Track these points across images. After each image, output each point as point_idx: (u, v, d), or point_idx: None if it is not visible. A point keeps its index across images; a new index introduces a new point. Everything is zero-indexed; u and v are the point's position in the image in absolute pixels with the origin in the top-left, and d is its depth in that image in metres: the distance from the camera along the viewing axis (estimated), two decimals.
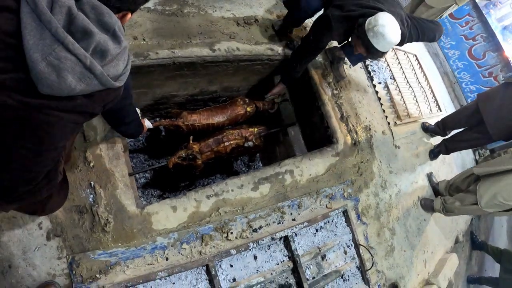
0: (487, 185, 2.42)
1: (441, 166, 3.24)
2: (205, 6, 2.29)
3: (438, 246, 2.82)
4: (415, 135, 3.13)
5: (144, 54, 1.82)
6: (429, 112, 3.44)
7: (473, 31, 4.38)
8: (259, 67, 2.52)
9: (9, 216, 1.30)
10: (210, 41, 2.15)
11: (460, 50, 4.55)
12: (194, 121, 2.23)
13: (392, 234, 2.44)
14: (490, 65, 4.30)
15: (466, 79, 4.54)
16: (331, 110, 2.51)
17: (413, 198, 2.77)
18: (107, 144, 1.54)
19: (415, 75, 3.59)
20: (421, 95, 3.48)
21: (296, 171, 2.13)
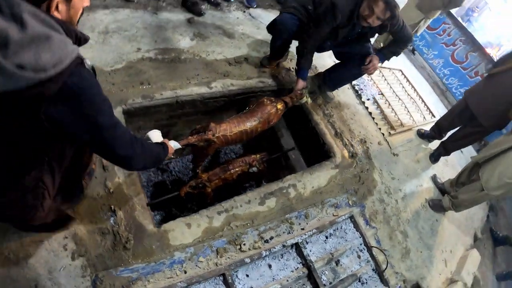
0: (489, 169, 2.54)
1: (444, 168, 3.38)
2: (199, 52, 2.69)
3: (456, 244, 2.86)
4: (412, 142, 3.32)
5: (150, 96, 2.16)
6: (423, 120, 3.66)
7: (452, 37, 4.76)
8: (254, 99, 2.83)
9: (36, 240, 1.49)
10: (207, 80, 2.50)
11: (444, 57, 4.91)
12: (225, 131, 2.06)
13: (404, 236, 2.54)
14: (474, 65, 4.62)
15: (454, 83, 4.82)
16: (325, 128, 2.78)
17: (421, 200, 2.89)
18: (124, 172, 1.80)
19: (403, 88, 3.87)
20: (412, 105, 3.73)
21: (299, 185, 2.33)
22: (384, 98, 3.45)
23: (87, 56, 2.09)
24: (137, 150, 1.18)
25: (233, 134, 2.11)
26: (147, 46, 2.50)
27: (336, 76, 2.88)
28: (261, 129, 2.28)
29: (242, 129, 2.15)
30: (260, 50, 3.06)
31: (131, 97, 2.12)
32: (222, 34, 2.99)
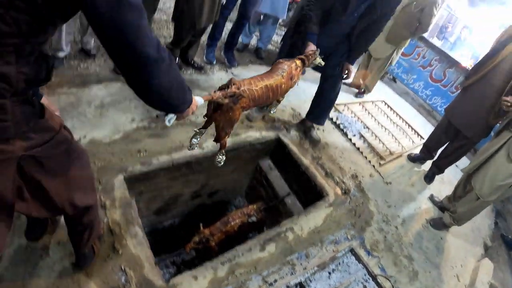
0: (480, 176, 2.74)
1: (441, 186, 3.60)
2: (189, 116, 3.01)
3: (466, 257, 2.98)
4: (404, 168, 3.56)
5: (148, 162, 2.44)
6: (412, 144, 3.92)
7: (427, 58, 5.21)
8: (245, 154, 3.12)
9: None
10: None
11: (423, 79, 5.34)
12: (250, 85, 1.87)
13: (409, 260, 2.67)
14: (453, 80, 5.03)
15: (438, 102, 5.18)
16: (315, 171, 3.03)
17: (421, 222, 3.07)
18: (130, 234, 2.01)
19: (388, 118, 4.18)
20: (399, 132, 4.01)
21: (296, 227, 2.53)
22: (370, 131, 3.75)
23: (85, 131, 2.42)
24: (164, 55, 0.97)
25: (258, 89, 1.91)
26: (140, 116, 2.84)
27: (319, 111, 3.21)
28: (285, 85, 2.13)
29: (267, 83, 1.97)
30: None
31: (130, 165, 2.40)
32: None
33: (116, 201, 2.13)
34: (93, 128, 2.56)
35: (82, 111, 2.67)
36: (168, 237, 3.21)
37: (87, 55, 3.30)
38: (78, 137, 2.42)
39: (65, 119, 2.53)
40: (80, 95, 2.82)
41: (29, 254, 1.77)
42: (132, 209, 2.17)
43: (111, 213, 2.06)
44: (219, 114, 1.86)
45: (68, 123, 2.50)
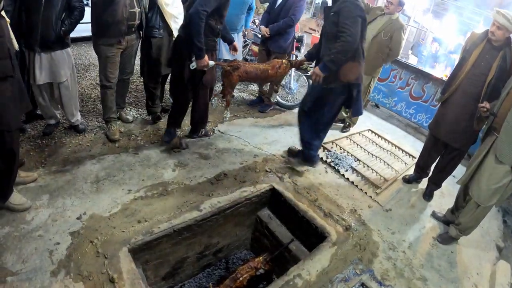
0: (475, 184, 2.91)
1: (442, 200, 3.79)
2: (182, 180, 3.24)
3: (481, 264, 3.07)
4: (401, 191, 3.76)
5: (149, 231, 2.61)
6: (405, 166, 4.15)
7: (403, 79, 5.65)
8: (243, 208, 3.30)
9: None
10: (195, 204, 2.98)
11: (404, 100, 5.74)
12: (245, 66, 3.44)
13: (423, 281, 2.76)
14: (432, 94, 5.39)
15: (423, 118, 5.50)
16: (313, 213, 3.20)
17: (428, 241, 3.20)
18: None
19: (377, 145, 4.44)
20: (390, 157, 4.26)
21: (304, 273, 2.63)
22: (361, 162, 3.98)
23: (85, 208, 2.61)
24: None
25: (250, 67, 3.48)
26: (136, 187, 3.05)
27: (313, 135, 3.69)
28: (270, 72, 3.55)
29: (257, 66, 3.53)
30: (235, 161, 3.69)
31: (133, 236, 2.56)
32: (198, 157, 3.63)
33: (123, 274, 2.27)
34: (91, 203, 2.75)
35: (79, 187, 2.89)
36: None
37: (76, 131, 3.60)
38: (79, 214, 2.61)
39: (63, 197, 2.75)
40: (75, 172, 3.06)
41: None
42: (141, 279, 2.30)
43: (120, 286, 2.18)
44: (225, 77, 3.52)
45: (67, 201, 2.72)
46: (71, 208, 2.66)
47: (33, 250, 2.27)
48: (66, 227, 2.49)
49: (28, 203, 2.57)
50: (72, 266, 2.22)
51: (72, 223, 2.53)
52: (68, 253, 2.30)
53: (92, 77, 5.12)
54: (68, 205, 2.69)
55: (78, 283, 2.12)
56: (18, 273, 2.10)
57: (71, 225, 2.52)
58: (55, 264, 2.21)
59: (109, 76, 3.47)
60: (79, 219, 2.58)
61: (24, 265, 2.16)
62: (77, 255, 2.30)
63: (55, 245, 2.34)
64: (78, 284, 2.12)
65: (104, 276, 2.20)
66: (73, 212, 2.63)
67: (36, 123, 3.57)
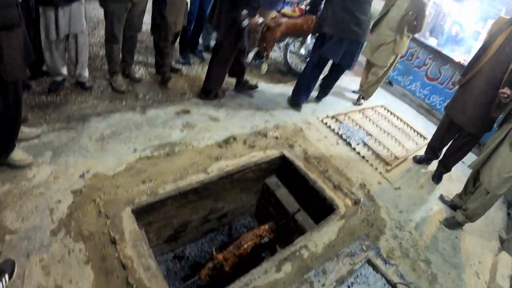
0: (487, 170, 2.76)
1: (450, 184, 3.60)
2: (190, 141, 3.04)
3: (483, 254, 2.95)
4: (411, 171, 3.56)
5: (154, 192, 2.44)
6: (416, 146, 3.93)
7: (420, 58, 5.27)
8: (251, 174, 3.12)
9: None
10: (203, 167, 2.80)
11: (419, 80, 5.39)
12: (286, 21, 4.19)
13: (427, 264, 2.65)
14: (449, 77, 5.04)
15: (437, 100, 5.21)
16: (323, 184, 3.02)
17: (435, 224, 3.05)
18: (143, 267, 1.99)
19: (389, 122, 4.20)
20: (402, 135, 4.03)
21: (310, 244, 2.50)
22: (373, 138, 3.76)
23: (88, 166, 2.44)
24: None
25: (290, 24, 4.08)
26: (142, 146, 2.86)
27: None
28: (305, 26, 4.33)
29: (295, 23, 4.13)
30: (246, 125, 3.46)
31: (136, 196, 2.40)
32: (208, 119, 3.41)
33: (125, 235, 2.12)
34: (95, 162, 2.57)
35: (83, 145, 2.69)
36: (182, 265, 3.18)
37: (83, 88, 3.35)
38: (82, 172, 2.43)
39: (66, 154, 2.55)
40: (79, 129, 2.85)
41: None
42: (143, 241, 2.15)
43: (122, 247, 2.04)
44: (267, 32, 3.92)
45: (70, 158, 2.53)
46: (74, 166, 2.48)
47: (33, 208, 2.11)
48: (68, 185, 2.32)
49: (30, 159, 2.38)
50: (73, 226, 2.06)
51: (75, 181, 2.36)
52: (69, 212, 2.14)
53: (101, 35, 4.76)
54: (71, 162, 2.51)
55: (78, 243, 1.98)
56: (17, 231, 1.96)
57: (73, 183, 2.34)
58: (55, 223, 2.06)
59: (115, 32, 3.25)
60: (82, 177, 2.40)
61: (24, 223, 2.01)
62: (79, 214, 2.14)
63: (56, 203, 2.18)
64: (78, 244, 1.97)
65: (106, 237, 2.06)
66: (76, 170, 2.45)
67: (41, 80, 3.31)
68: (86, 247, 1.97)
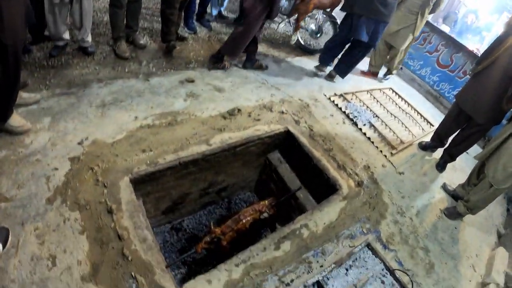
0: (493, 163, 2.65)
1: (453, 174, 3.48)
2: (194, 111, 2.91)
3: (481, 247, 2.88)
4: (416, 156, 3.44)
5: (154, 161, 2.33)
6: (422, 132, 3.79)
7: (433, 43, 5.02)
8: (254, 148, 3.00)
9: None
10: (205, 138, 2.68)
11: (430, 65, 5.15)
12: None
13: (426, 252, 2.58)
14: (460, 65, 4.83)
15: (446, 88, 5.01)
16: (327, 163, 2.91)
17: (436, 212, 2.95)
18: (139, 238, 1.92)
19: (397, 105, 4.05)
20: (409, 120, 3.88)
21: (311, 223, 2.42)
22: (380, 119, 3.62)
23: (87, 133, 2.32)
24: None
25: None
26: (143, 114, 2.72)
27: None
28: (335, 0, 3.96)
29: None
30: (251, 98, 3.30)
31: (135, 165, 2.29)
32: (212, 89, 3.25)
33: (122, 205, 2.03)
34: (95, 128, 2.45)
35: (83, 111, 2.56)
36: (179, 237, 3.13)
37: (85, 54, 3.19)
38: (80, 139, 2.32)
39: (65, 120, 2.43)
40: (80, 95, 2.72)
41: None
42: (140, 212, 2.07)
43: (118, 217, 1.96)
44: (300, 4, 3.76)
45: (69, 125, 2.41)
46: (73, 132, 2.36)
47: (30, 176, 2.00)
48: (65, 152, 2.21)
49: (28, 125, 2.26)
50: (69, 194, 1.97)
51: (73, 148, 2.25)
52: (66, 180, 2.04)
53: (105, 0, 4.54)
54: (70, 129, 2.39)
55: (74, 212, 1.89)
56: (13, 199, 1.86)
57: (71, 150, 2.23)
58: (51, 191, 1.96)
59: None
60: (81, 144, 2.29)
61: (19, 191, 1.91)
62: (75, 182, 2.04)
63: (53, 170, 2.07)
64: (74, 213, 1.89)
65: (102, 206, 1.97)
66: (75, 137, 2.33)
67: (43, 45, 3.13)
68: (82, 216, 1.89)
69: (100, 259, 1.77)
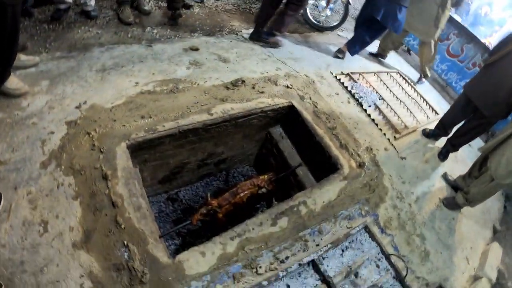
0: (496, 157, 2.56)
1: (454, 164, 3.38)
2: (196, 80, 2.77)
3: (476, 240, 2.83)
4: (419, 143, 3.33)
5: (152, 128, 2.22)
6: (427, 119, 3.67)
7: (445, 32, 4.79)
8: (255, 121, 2.88)
9: (53, 281, 1.51)
10: (207, 107, 2.56)
11: (440, 53, 4.93)
12: None
13: (422, 239, 2.52)
14: (470, 56, 4.64)
15: (454, 78, 4.84)
16: (329, 141, 2.80)
17: (434, 201, 2.88)
18: (134, 207, 1.84)
19: (403, 90, 3.90)
20: (414, 106, 3.75)
21: (309, 201, 2.34)
22: (385, 102, 3.48)
23: (86, 97, 2.20)
24: None
25: None
26: (144, 80, 2.59)
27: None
28: None
29: None
30: (256, 70, 3.14)
31: (133, 131, 2.18)
32: (217, 59, 3.09)
33: (118, 171, 1.94)
34: (94, 93, 2.34)
35: (82, 75, 2.44)
36: (174, 208, 3.06)
37: (88, 18, 3.04)
38: (78, 103, 2.21)
39: (64, 84, 2.31)
40: (80, 59, 2.59)
41: None
42: (136, 179, 1.98)
43: (113, 184, 1.87)
44: None
45: (68, 88, 2.30)
46: (71, 96, 2.25)
47: (25, 139, 1.91)
48: (63, 115, 2.10)
49: (25, 88, 2.15)
50: (64, 158, 1.88)
51: (70, 112, 2.14)
52: (62, 144, 1.94)
53: None
54: (68, 92, 2.27)
55: (68, 177, 1.80)
56: (7, 162, 1.77)
57: (69, 114, 2.12)
58: (46, 154, 1.87)
59: None
60: (78, 108, 2.18)
61: (14, 154, 1.82)
62: (71, 146, 1.95)
63: (49, 134, 1.97)
64: (68, 178, 1.80)
65: (97, 172, 1.88)
66: (73, 101, 2.22)
67: (45, 8, 2.96)
68: (76, 181, 1.80)
69: (92, 226, 1.70)
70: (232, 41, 3.43)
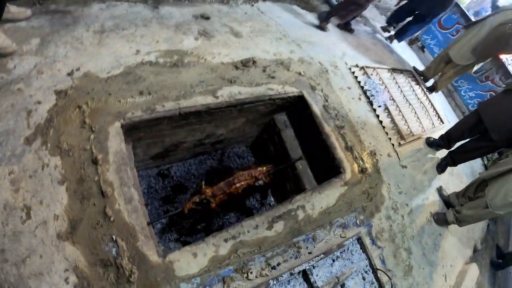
0: (495, 187, 2.55)
1: (450, 178, 3.35)
2: (204, 54, 2.52)
3: (456, 258, 2.87)
4: (421, 152, 3.26)
5: (151, 108, 2.02)
6: (432, 127, 3.58)
7: None
8: (262, 107, 2.70)
9: (36, 273, 1.41)
10: (212, 88, 2.35)
11: None
12: None
13: (408, 253, 2.52)
14: (485, 69, 4.47)
15: (464, 86, 4.69)
16: (336, 141, 2.67)
17: (426, 215, 2.86)
18: (125, 198, 1.70)
19: (413, 91, 3.76)
20: (422, 110, 3.64)
21: (308, 206, 2.26)
22: (395, 103, 3.35)
23: (80, 62, 1.96)
24: None
25: None
26: (147, 48, 2.33)
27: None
28: None
29: None
30: (269, 50, 2.90)
31: (130, 109, 1.97)
32: (228, 32, 2.82)
33: (110, 155, 1.76)
34: (89, 58, 2.07)
35: (78, 35, 2.15)
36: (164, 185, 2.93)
37: None
38: (71, 69, 1.95)
39: (56, 44, 2.03)
40: (77, 15, 2.27)
41: None
42: (129, 166, 1.81)
43: (104, 170, 1.70)
44: None
45: (60, 50, 2.02)
46: (63, 60, 1.98)
47: (9, 107, 1.68)
48: (52, 83, 1.85)
49: (13, 47, 1.87)
50: (51, 135, 1.67)
51: (61, 80, 1.89)
52: (49, 117, 1.72)
53: None
54: (60, 55, 2.00)
55: (54, 157, 1.61)
56: None
57: (59, 82, 1.87)
58: (32, 128, 1.66)
59: None
60: (70, 75, 1.93)
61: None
62: (59, 121, 1.73)
63: (36, 104, 1.74)
64: (55, 159, 1.61)
65: (87, 154, 1.70)
66: (65, 66, 1.96)
67: None
68: (62, 163, 1.62)
69: (79, 216, 1.56)
70: (247, 13, 3.13)
